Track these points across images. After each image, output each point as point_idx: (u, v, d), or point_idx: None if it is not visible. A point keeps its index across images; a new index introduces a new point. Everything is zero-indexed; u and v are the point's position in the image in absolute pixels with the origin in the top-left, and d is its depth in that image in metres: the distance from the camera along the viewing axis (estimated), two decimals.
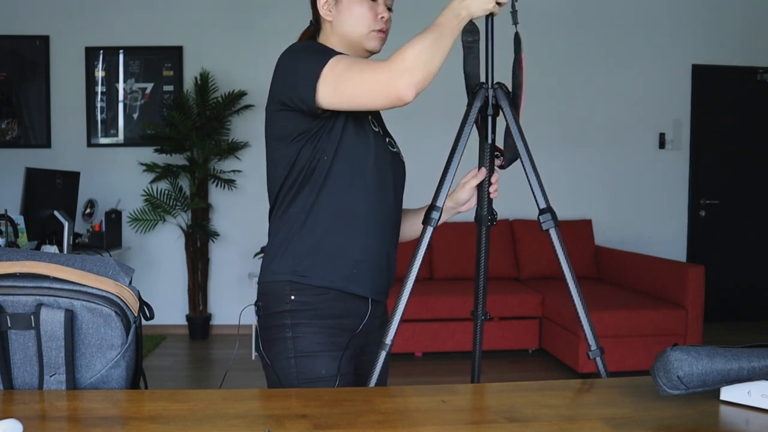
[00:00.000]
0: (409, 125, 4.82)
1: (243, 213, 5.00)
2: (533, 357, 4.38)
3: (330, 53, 1.24)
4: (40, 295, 0.99)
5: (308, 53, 1.25)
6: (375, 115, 1.41)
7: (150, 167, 4.80)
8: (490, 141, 1.40)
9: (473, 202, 1.47)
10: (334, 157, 1.28)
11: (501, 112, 1.44)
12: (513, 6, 1.34)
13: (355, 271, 1.30)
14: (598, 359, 1.38)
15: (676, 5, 5.25)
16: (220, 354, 4.51)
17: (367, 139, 1.32)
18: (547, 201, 1.41)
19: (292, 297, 1.28)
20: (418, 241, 1.37)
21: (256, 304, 1.35)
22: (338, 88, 1.20)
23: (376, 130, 1.37)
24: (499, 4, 1.26)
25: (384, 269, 1.36)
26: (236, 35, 4.89)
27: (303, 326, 1.28)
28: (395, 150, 1.43)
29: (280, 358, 1.29)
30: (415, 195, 1.97)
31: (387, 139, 1.42)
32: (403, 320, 1.33)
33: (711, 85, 5.28)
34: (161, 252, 5.03)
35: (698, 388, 0.91)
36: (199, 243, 4.88)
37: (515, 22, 1.35)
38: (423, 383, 3.13)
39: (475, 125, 1.42)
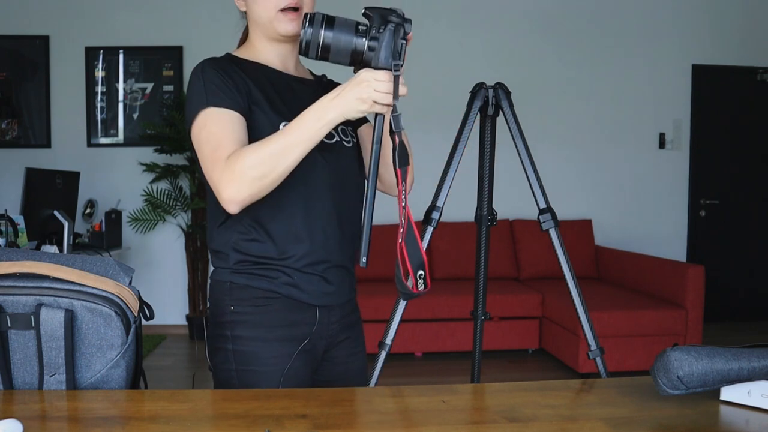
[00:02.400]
0: (409, 126, 4.82)
1: None
2: (533, 357, 4.37)
3: (198, 105, 1.18)
4: (40, 295, 0.99)
5: (190, 93, 1.22)
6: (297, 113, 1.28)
7: (150, 167, 4.80)
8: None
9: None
10: None
11: (501, 112, 1.44)
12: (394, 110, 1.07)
13: (295, 278, 1.23)
14: (598, 359, 1.38)
15: (676, 5, 5.25)
16: None
17: None
18: (547, 201, 1.41)
19: (232, 308, 1.24)
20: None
21: (205, 311, 1.32)
22: (197, 149, 1.18)
23: None
24: (381, 105, 1.07)
25: (331, 273, 1.26)
26: (236, 35, 4.88)
27: (242, 339, 1.23)
28: (332, 141, 1.28)
29: (222, 368, 1.26)
30: (416, 195, 1.97)
31: None
32: (403, 320, 1.33)
33: (711, 85, 5.28)
34: (161, 252, 5.03)
35: (698, 388, 0.91)
36: (199, 243, 4.88)
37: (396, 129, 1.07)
38: (423, 383, 3.13)
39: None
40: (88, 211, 4.19)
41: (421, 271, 1.08)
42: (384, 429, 0.86)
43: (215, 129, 1.16)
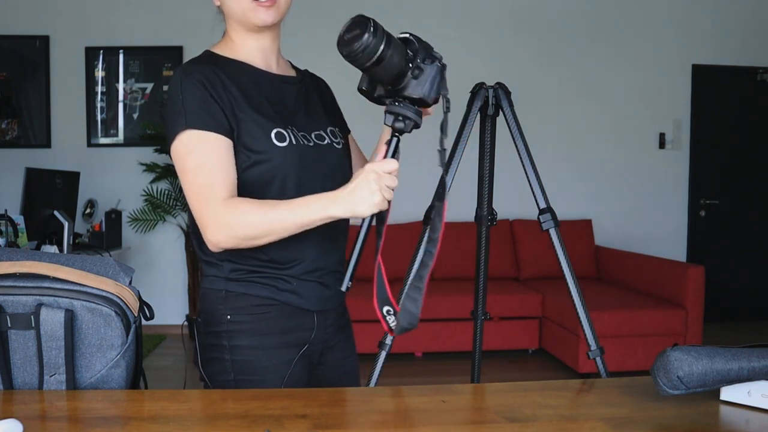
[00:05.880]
0: None
1: None
2: (533, 357, 4.37)
3: (178, 123, 1.16)
4: (40, 295, 0.99)
5: (169, 106, 1.19)
6: (288, 121, 1.23)
7: (150, 167, 4.80)
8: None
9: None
10: (239, 177, 1.18)
11: (501, 112, 1.44)
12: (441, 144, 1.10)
13: (294, 284, 1.22)
14: (598, 359, 1.38)
15: (677, 5, 5.24)
16: None
17: (270, 151, 1.18)
18: (547, 201, 1.41)
19: (228, 317, 1.21)
20: (418, 240, 1.37)
21: (195, 320, 1.27)
22: (181, 173, 1.17)
23: (283, 145, 1.19)
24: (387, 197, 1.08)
25: (328, 278, 1.27)
26: None
27: (241, 348, 1.21)
28: (324, 143, 1.26)
29: (219, 379, 1.23)
30: (416, 195, 1.97)
31: (309, 135, 1.25)
32: None
33: (711, 85, 5.28)
34: (161, 252, 5.03)
35: (698, 388, 0.91)
36: None
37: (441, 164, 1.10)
38: (423, 383, 3.13)
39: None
40: (88, 211, 4.19)
41: (387, 307, 1.10)
42: (384, 429, 0.86)
43: (205, 159, 1.14)
